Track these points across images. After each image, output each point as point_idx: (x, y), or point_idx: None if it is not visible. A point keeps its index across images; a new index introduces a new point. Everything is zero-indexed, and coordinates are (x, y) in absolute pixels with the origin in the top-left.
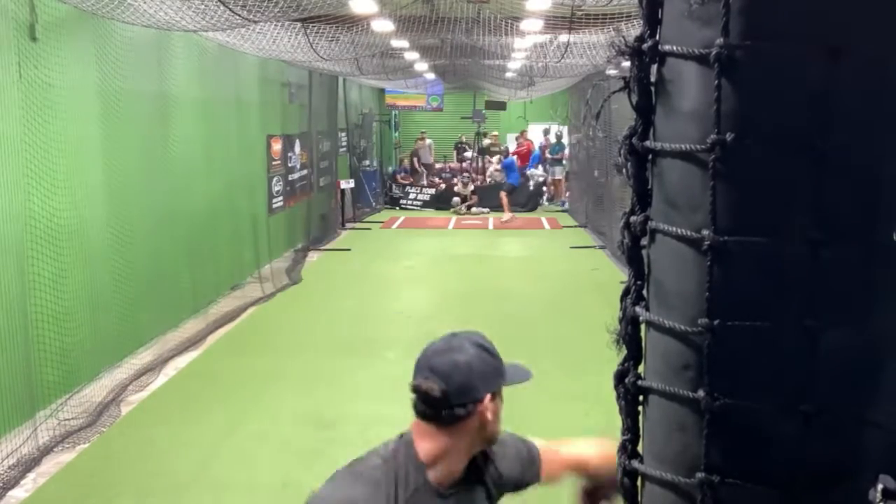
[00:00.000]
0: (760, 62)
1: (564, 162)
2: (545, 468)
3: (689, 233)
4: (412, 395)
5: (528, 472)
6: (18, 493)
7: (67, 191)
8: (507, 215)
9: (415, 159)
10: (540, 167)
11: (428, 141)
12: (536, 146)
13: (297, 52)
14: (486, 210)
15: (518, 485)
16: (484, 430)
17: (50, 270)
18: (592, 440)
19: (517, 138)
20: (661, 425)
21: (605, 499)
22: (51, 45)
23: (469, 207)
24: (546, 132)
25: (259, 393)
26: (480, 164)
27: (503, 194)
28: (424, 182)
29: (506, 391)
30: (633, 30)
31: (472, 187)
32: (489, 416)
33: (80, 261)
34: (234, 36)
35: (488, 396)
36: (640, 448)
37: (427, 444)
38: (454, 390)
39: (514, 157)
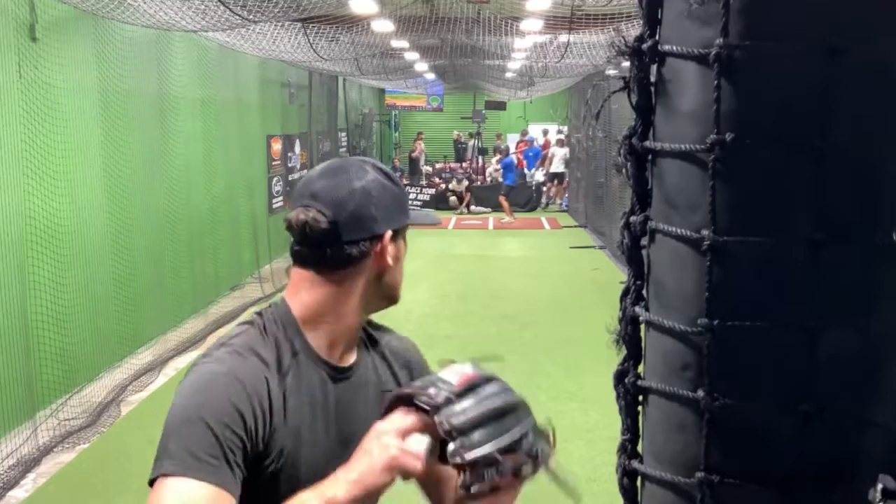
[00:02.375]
0: (760, 62)
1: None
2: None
3: (688, 233)
4: (287, 234)
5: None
6: (18, 493)
7: (67, 191)
8: (507, 218)
9: (413, 155)
10: (539, 171)
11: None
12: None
13: (297, 53)
14: (489, 210)
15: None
16: (381, 278)
17: (50, 270)
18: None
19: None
20: (660, 425)
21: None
22: (51, 46)
23: (468, 206)
24: (546, 132)
25: None
26: (480, 163)
27: (502, 198)
28: (424, 182)
29: None
30: (633, 30)
31: (465, 183)
32: (389, 259)
33: (80, 261)
34: (234, 36)
35: (389, 234)
36: (639, 448)
37: (305, 297)
38: (345, 221)
39: (514, 157)
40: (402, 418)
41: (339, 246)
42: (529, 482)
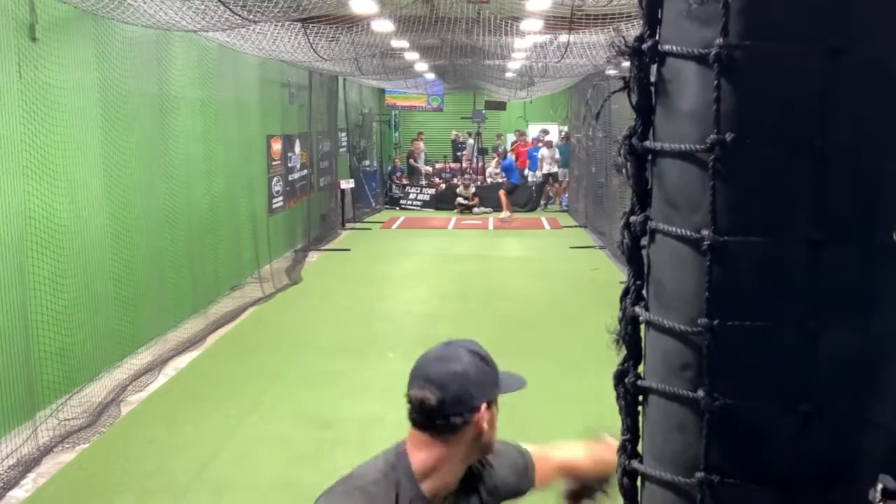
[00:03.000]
0: (760, 62)
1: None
2: (538, 474)
3: (688, 233)
4: (407, 405)
5: (524, 480)
6: (18, 493)
7: (67, 191)
8: (505, 213)
9: (411, 160)
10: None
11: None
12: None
13: (297, 53)
14: (489, 210)
15: (515, 493)
16: (479, 439)
17: (50, 270)
18: (580, 443)
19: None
20: (660, 425)
21: (589, 498)
22: (51, 46)
23: (471, 209)
24: (546, 132)
25: (259, 393)
26: (480, 164)
27: (502, 193)
28: (424, 182)
29: (505, 395)
30: (633, 30)
31: (473, 189)
32: (485, 425)
33: (80, 261)
34: (235, 36)
35: (484, 405)
36: (639, 448)
37: (422, 455)
38: (450, 399)
39: (512, 158)
40: None
41: (446, 418)
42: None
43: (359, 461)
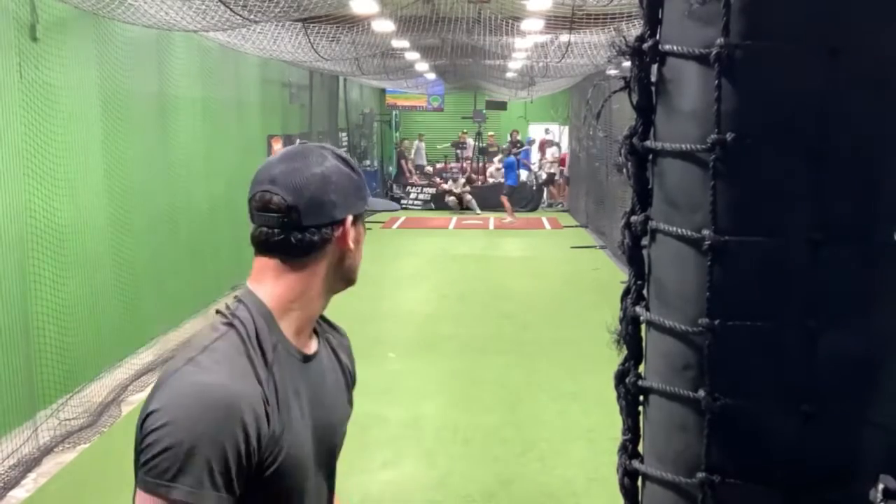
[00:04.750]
0: (760, 62)
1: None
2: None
3: (689, 233)
4: (250, 223)
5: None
6: (19, 493)
7: (68, 190)
8: (508, 218)
9: (402, 161)
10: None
11: (416, 143)
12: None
13: (297, 53)
14: (479, 212)
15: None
16: (343, 263)
17: (50, 270)
18: None
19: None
20: (661, 425)
21: None
22: (51, 46)
23: (462, 203)
24: (546, 132)
25: None
26: (481, 164)
27: (504, 198)
28: (420, 181)
29: (506, 395)
30: (634, 30)
31: (462, 179)
32: (351, 244)
33: (81, 260)
34: (235, 36)
35: (349, 219)
36: (640, 448)
37: (272, 286)
38: (304, 206)
39: (514, 157)
40: None
41: (302, 231)
42: (527, 480)
43: (359, 461)
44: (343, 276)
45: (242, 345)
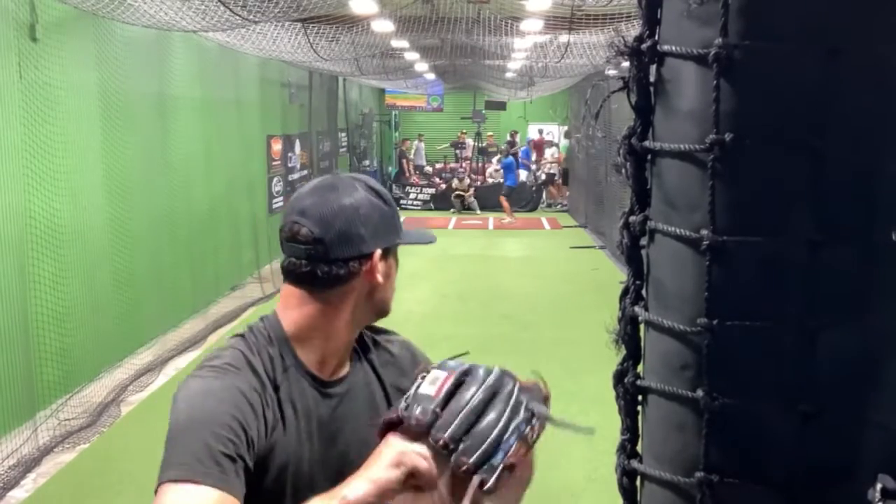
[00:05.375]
0: (759, 62)
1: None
2: None
3: (687, 233)
4: (283, 253)
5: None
6: (18, 493)
7: (68, 191)
8: (508, 218)
9: (404, 161)
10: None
11: (416, 143)
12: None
13: (297, 53)
14: (479, 212)
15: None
16: (372, 296)
17: (50, 270)
18: None
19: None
20: (660, 425)
21: None
22: (51, 46)
23: (466, 203)
24: (541, 132)
25: None
26: (480, 164)
27: (503, 199)
28: (423, 182)
29: None
30: (633, 30)
31: (467, 181)
32: (379, 277)
33: (81, 261)
34: (235, 36)
35: (378, 253)
36: (639, 448)
37: (294, 314)
38: (334, 239)
39: (513, 158)
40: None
41: (329, 263)
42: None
43: None
44: (373, 309)
45: (249, 350)
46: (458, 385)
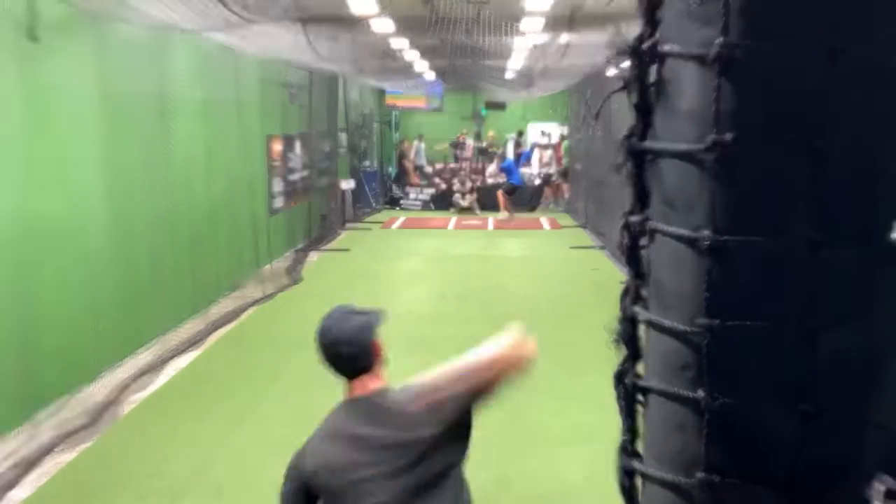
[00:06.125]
0: (760, 62)
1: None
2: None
3: (688, 233)
4: (338, 369)
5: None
6: (18, 493)
7: (67, 191)
8: (503, 214)
9: (404, 161)
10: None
11: (416, 143)
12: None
13: (297, 53)
14: (479, 213)
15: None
16: (384, 357)
17: (50, 270)
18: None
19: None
20: (660, 425)
21: None
22: (51, 46)
23: (468, 206)
24: (543, 133)
25: (259, 393)
26: (480, 164)
27: (500, 192)
28: (423, 182)
29: (505, 395)
30: (633, 30)
31: (469, 184)
32: (382, 347)
33: (80, 261)
34: (234, 36)
35: (378, 338)
36: (639, 448)
37: (371, 385)
38: (362, 348)
39: (512, 160)
40: None
41: (367, 358)
42: (527, 480)
43: None
44: (384, 362)
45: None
46: None
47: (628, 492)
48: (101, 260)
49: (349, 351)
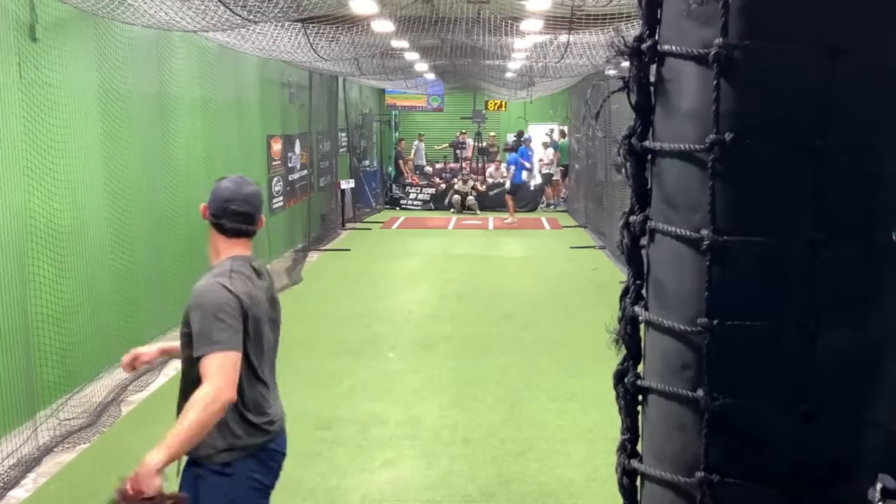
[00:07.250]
0: (759, 62)
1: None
2: None
3: (688, 233)
4: (246, 221)
5: None
6: (18, 493)
7: (68, 191)
8: (510, 217)
9: (399, 162)
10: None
11: (416, 143)
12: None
13: (297, 53)
14: (479, 213)
15: None
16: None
17: (50, 270)
18: None
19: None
20: (660, 425)
21: None
22: (51, 46)
23: (468, 206)
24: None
25: None
26: (480, 164)
27: (508, 197)
28: (422, 182)
29: (505, 395)
30: (633, 30)
31: (471, 183)
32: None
33: (81, 261)
34: (234, 36)
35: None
36: (639, 448)
37: (248, 250)
38: (259, 210)
39: (516, 155)
40: None
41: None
42: (527, 480)
43: (358, 461)
44: None
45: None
46: None
47: (628, 491)
48: (101, 260)
49: (254, 210)
